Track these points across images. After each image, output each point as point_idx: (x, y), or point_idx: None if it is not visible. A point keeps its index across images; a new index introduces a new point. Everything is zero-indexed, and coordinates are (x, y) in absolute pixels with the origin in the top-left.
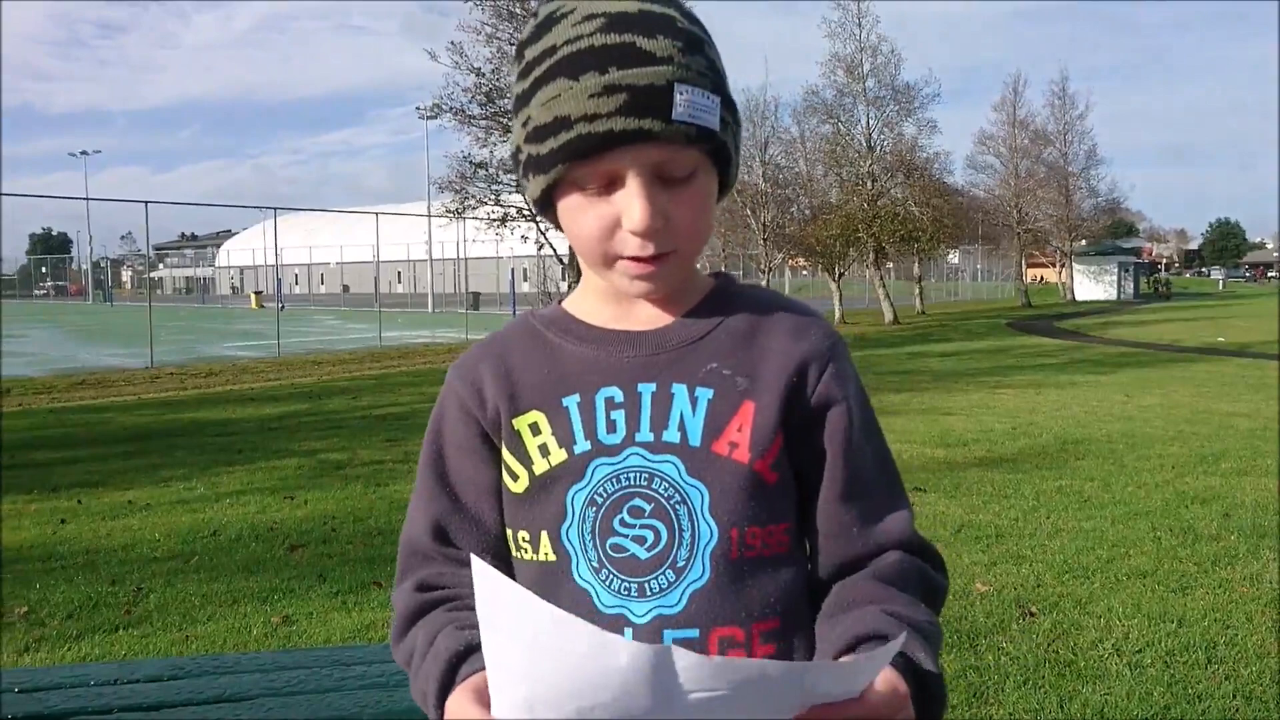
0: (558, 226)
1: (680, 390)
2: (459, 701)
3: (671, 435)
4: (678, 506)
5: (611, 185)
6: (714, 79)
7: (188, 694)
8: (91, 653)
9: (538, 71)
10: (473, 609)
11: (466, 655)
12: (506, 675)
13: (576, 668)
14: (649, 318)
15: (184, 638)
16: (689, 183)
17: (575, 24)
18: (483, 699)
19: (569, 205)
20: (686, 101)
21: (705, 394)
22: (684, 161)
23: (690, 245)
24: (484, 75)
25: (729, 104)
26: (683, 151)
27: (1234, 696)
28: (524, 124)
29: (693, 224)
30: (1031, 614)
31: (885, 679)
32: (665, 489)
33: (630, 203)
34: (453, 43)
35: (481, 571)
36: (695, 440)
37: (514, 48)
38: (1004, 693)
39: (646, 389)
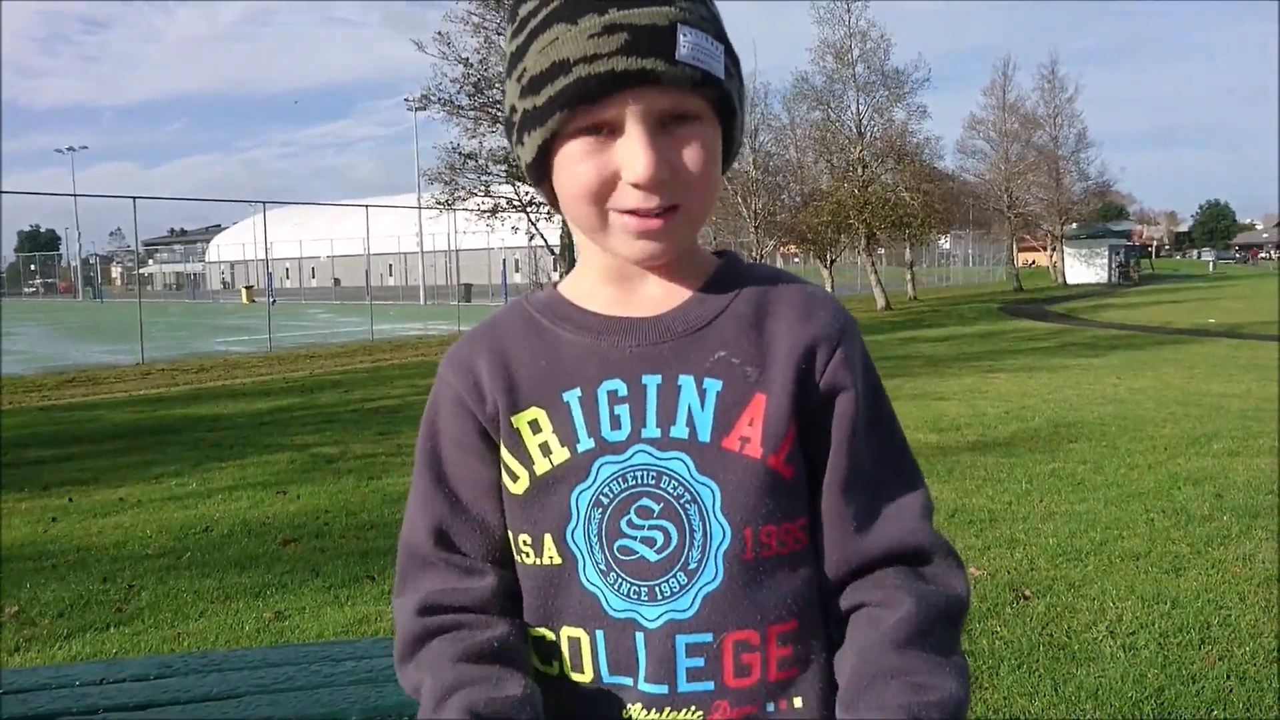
0: (552, 201)
1: (687, 382)
2: None
3: (679, 431)
4: (688, 506)
5: (610, 135)
6: (716, 27)
7: (175, 692)
8: (83, 652)
9: (534, 23)
10: (480, 637)
11: None
12: None
13: None
14: (650, 301)
15: (176, 635)
16: (694, 131)
17: None
18: None
19: (564, 159)
20: (690, 43)
21: (714, 386)
22: (689, 108)
23: (697, 200)
24: (471, 65)
25: (732, 55)
26: (687, 97)
27: (1228, 677)
28: (519, 79)
29: (700, 175)
30: (1025, 597)
31: None
32: (674, 488)
33: (632, 151)
34: (439, 33)
35: None
36: (705, 436)
37: (505, 20)
38: (998, 676)
39: (651, 381)
